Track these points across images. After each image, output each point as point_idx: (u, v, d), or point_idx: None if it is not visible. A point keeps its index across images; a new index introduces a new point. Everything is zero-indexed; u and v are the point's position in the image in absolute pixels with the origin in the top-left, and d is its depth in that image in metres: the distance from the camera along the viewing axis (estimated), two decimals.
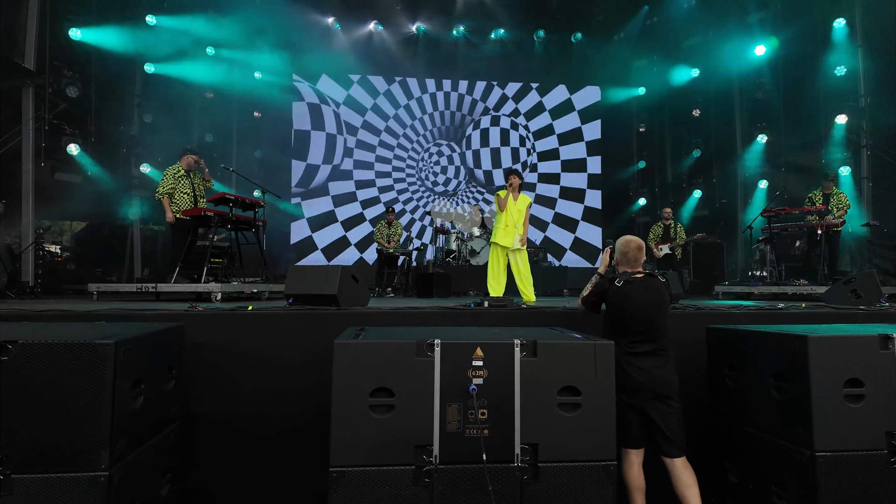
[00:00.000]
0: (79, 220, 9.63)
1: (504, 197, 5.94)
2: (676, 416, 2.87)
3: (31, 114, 8.06)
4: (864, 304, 4.62)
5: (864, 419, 2.53)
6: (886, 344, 2.60)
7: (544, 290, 8.64)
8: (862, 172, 9.09)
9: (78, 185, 8.91)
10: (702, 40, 11.61)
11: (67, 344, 2.17)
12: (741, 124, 11.12)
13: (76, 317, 3.55)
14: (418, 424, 2.28)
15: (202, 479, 3.25)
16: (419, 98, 13.37)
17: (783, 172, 10.25)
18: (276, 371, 3.41)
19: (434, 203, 13.31)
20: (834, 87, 9.12)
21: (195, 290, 5.45)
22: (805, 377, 2.53)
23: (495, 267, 5.94)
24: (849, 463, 2.50)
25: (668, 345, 2.98)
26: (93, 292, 5.60)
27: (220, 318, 3.56)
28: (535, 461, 2.31)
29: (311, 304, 4.06)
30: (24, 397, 2.13)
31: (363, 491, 2.22)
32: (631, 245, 3.19)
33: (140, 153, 10.10)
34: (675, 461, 2.85)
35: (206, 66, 10.92)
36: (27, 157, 8.01)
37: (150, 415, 2.58)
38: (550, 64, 13.29)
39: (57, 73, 8.45)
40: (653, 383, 2.86)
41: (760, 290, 6.89)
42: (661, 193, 12.88)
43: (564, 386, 2.37)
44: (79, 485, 2.13)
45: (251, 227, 6.34)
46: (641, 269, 3.18)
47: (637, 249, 3.18)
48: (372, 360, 2.30)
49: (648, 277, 3.11)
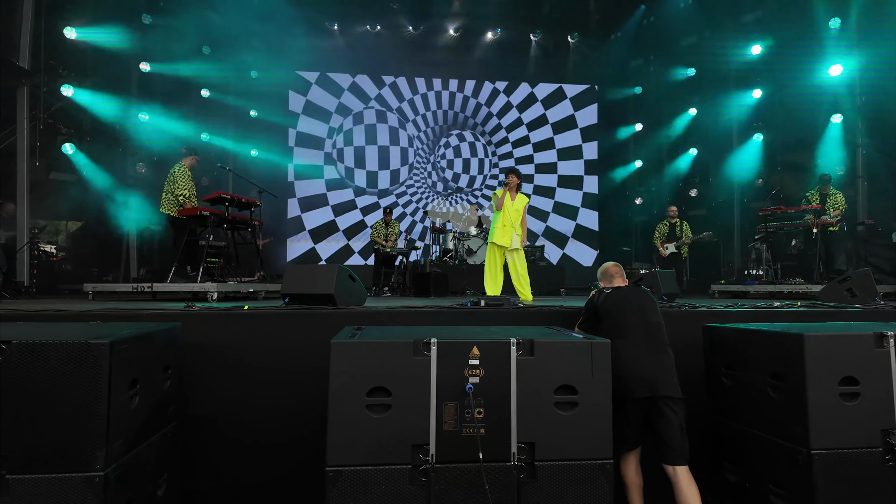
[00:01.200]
0: (74, 220, 9.59)
1: (501, 196, 5.94)
2: (679, 423, 2.82)
3: (25, 113, 8.02)
4: (859, 303, 4.65)
5: (859, 417, 2.54)
6: (882, 342, 2.61)
7: (541, 289, 8.63)
8: (857, 172, 9.12)
9: (73, 184, 8.88)
10: (698, 39, 11.64)
11: (62, 344, 2.16)
12: (737, 123, 11.14)
13: (71, 317, 3.54)
14: (415, 424, 2.27)
15: (199, 480, 3.24)
16: (410, 100, 13.36)
17: (779, 171, 10.28)
18: (272, 371, 3.40)
19: (431, 202, 13.30)
20: (829, 86, 9.14)
21: (191, 289, 5.44)
22: (801, 376, 2.54)
23: (492, 266, 5.94)
24: (845, 461, 2.51)
25: (666, 344, 3.01)
26: (88, 292, 5.58)
27: (216, 317, 3.55)
28: (532, 460, 2.31)
29: (308, 304, 4.06)
30: (18, 398, 2.12)
31: (360, 490, 2.22)
32: (608, 265, 3.56)
33: (136, 152, 10.06)
34: (678, 471, 2.78)
35: (202, 65, 10.89)
36: (22, 156, 7.98)
37: (147, 415, 2.57)
38: (547, 64, 13.31)
39: (52, 71, 8.41)
40: (653, 384, 2.83)
41: (757, 288, 6.92)
42: (658, 192, 12.89)
43: (561, 385, 2.37)
44: (74, 485, 2.12)
45: (247, 226, 6.33)
46: (625, 282, 3.45)
47: (614, 266, 3.55)
48: (368, 360, 2.30)
49: (633, 285, 3.43)
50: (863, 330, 2.70)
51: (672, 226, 8.93)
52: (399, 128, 13.24)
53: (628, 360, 2.87)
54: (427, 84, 13.38)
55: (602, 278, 3.53)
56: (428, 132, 13.40)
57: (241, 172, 9.82)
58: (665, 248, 8.85)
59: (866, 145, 9.02)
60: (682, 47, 11.93)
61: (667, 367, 2.92)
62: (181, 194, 6.30)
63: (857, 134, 9.14)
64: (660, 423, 2.82)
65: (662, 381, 2.85)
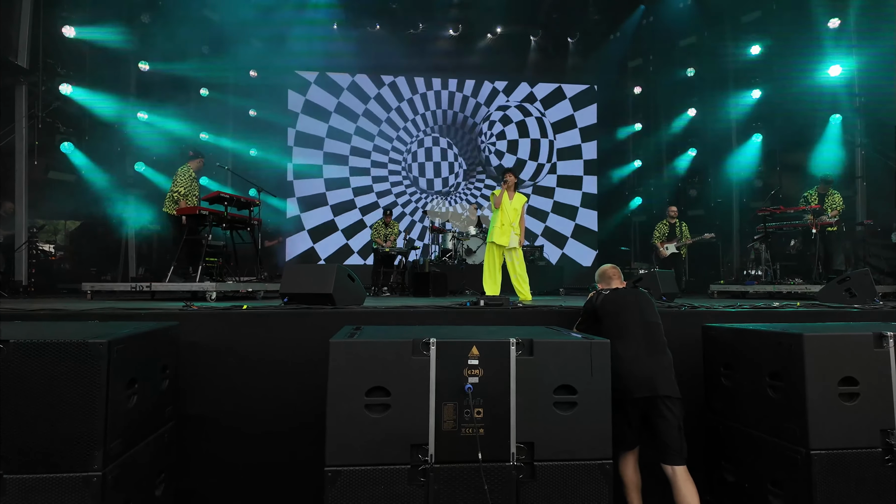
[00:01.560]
0: (73, 219, 9.57)
1: (500, 195, 5.94)
2: (677, 423, 2.83)
3: (24, 112, 8.01)
4: (858, 303, 4.65)
5: (858, 417, 2.54)
6: (881, 342, 2.61)
7: (540, 289, 8.63)
8: (856, 172, 9.13)
9: (72, 183, 8.86)
10: (697, 39, 11.64)
11: (60, 343, 2.15)
12: (736, 123, 11.15)
13: (69, 316, 3.52)
14: (414, 423, 2.27)
15: (197, 479, 3.23)
16: (410, 99, 13.35)
17: (778, 172, 10.28)
18: (271, 370, 3.39)
19: (430, 202, 13.30)
20: (829, 86, 9.15)
21: (190, 289, 5.43)
22: (800, 375, 2.54)
23: (491, 266, 5.94)
24: (844, 461, 2.50)
25: (664, 344, 3.02)
26: (87, 292, 5.57)
27: (215, 317, 3.54)
28: (531, 460, 2.31)
29: (307, 304, 4.05)
30: (16, 397, 2.11)
31: (358, 490, 2.21)
32: (606, 267, 3.58)
33: (135, 151, 10.05)
34: (677, 470, 2.80)
35: (201, 64, 10.88)
36: (20, 155, 7.97)
37: (145, 414, 2.56)
38: (546, 64, 13.31)
39: (50, 70, 8.39)
40: (652, 384, 2.84)
41: (756, 289, 6.92)
42: (658, 192, 12.89)
43: (560, 384, 2.37)
44: (72, 485, 2.11)
45: (246, 225, 6.33)
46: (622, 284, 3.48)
47: (612, 268, 3.57)
48: (367, 359, 2.30)
49: (631, 287, 3.47)
50: (862, 330, 2.70)
51: (672, 226, 8.92)
52: (395, 130, 13.24)
53: (627, 361, 2.87)
54: (426, 84, 13.37)
55: (600, 280, 3.55)
56: (427, 131, 13.39)
57: (240, 172, 9.81)
58: (665, 248, 8.85)
59: (865, 145, 9.02)
60: (681, 47, 11.93)
61: (665, 367, 2.93)
62: (176, 191, 6.51)
63: (856, 134, 9.14)
64: (658, 423, 2.83)
65: (661, 381, 2.86)
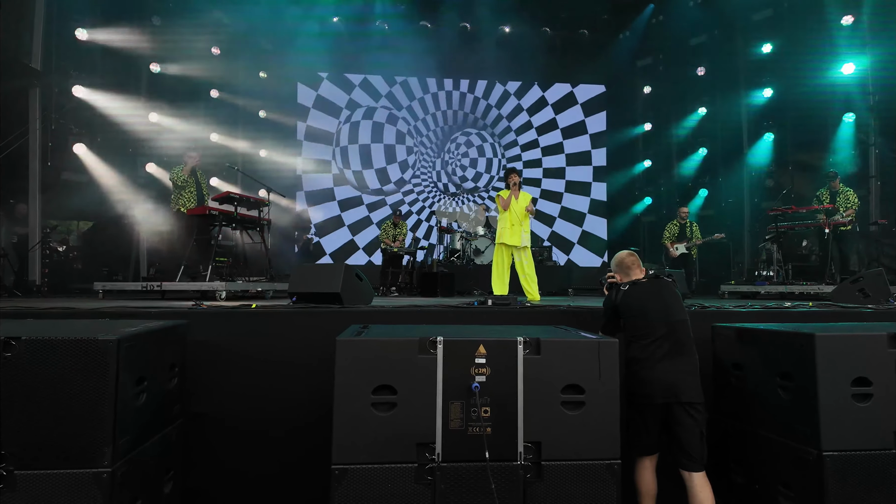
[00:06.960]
0: (85, 220, 9.68)
1: (507, 197, 5.91)
2: (699, 428, 2.74)
3: (37, 113, 8.10)
4: (872, 303, 4.58)
5: (871, 418, 2.51)
6: (895, 343, 2.56)
7: (549, 289, 8.60)
8: (870, 171, 9.01)
9: (84, 184, 8.96)
10: (708, 38, 11.56)
11: (70, 340, 2.17)
12: (747, 122, 11.05)
13: (80, 314, 3.56)
14: (421, 422, 2.26)
15: (205, 478, 3.25)
16: (421, 98, 13.37)
17: (790, 171, 10.18)
18: (278, 369, 3.40)
19: (439, 202, 13.30)
20: (842, 84, 9.04)
21: (200, 288, 5.47)
22: (812, 376, 2.50)
23: (500, 266, 5.92)
24: (856, 463, 2.47)
25: (690, 344, 2.86)
26: (99, 291, 5.64)
27: (223, 316, 3.56)
28: (539, 460, 2.29)
29: (315, 303, 4.07)
30: (27, 393, 2.14)
31: (365, 489, 2.21)
32: (622, 255, 3.21)
33: (146, 153, 10.14)
34: (694, 476, 2.73)
35: (212, 66, 10.97)
36: (34, 156, 8.06)
37: (153, 412, 2.58)
38: (555, 64, 13.25)
39: (63, 72, 8.49)
40: (674, 389, 2.73)
41: (767, 289, 6.84)
42: (667, 192, 12.81)
43: (568, 384, 2.35)
44: (81, 481, 2.13)
45: (256, 226, 6.36)
46: (643, 273, 3.14)
47: (629, 255, 3.19)
48: (374, 358, 2.29)
49: (653, 279, 3.07)
50: (875, 330, 2.66)
51: (682, 226, 8.86)
52: (403, 128, 13.25)
53: (649, 365, 2.76)
54: (438, 84, 13.38)
55: (618, 270, 3.18)
56: (437, 132, 13.40)
57: (250, 171, 9.86)
58: (675, 248, 8.78)
59: (879, 144, 8.90)
60: (691, 46, 11.85)
61: (689, 370, 2.79)
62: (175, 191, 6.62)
63: (869, 133, 9.02)
64: (679, 429, 2.75)
65: (684, 387, 2.74)
